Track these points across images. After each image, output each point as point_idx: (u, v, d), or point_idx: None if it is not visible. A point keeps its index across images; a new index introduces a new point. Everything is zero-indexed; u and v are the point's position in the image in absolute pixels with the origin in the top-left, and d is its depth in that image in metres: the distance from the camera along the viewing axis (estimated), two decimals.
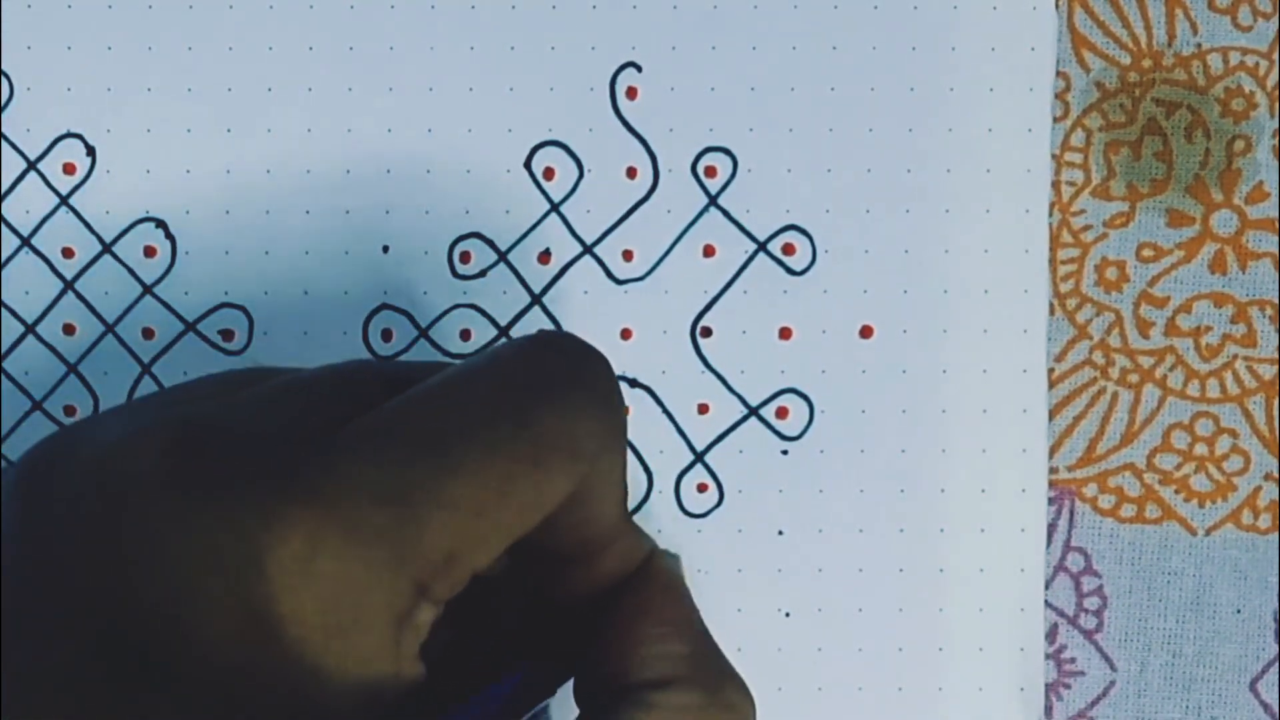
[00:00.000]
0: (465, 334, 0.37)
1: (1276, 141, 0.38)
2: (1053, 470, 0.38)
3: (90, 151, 0.36)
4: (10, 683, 0.26)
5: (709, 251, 0.37)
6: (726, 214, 0.37)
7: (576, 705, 0.31)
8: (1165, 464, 0.38)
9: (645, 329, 0.37)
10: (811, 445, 0.37)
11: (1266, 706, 0.38)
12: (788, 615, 0.37)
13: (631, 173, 0.37)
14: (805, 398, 0.37)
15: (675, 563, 0.32)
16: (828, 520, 0.37)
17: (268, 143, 0.36)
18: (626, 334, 0.37)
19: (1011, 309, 0.37)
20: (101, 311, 0.36)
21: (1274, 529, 0.38)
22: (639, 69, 0.37)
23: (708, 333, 0.37)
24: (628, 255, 0.37)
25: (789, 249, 0.37)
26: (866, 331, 0.37)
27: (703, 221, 0.37)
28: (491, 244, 0.37)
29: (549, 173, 0.37)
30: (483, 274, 0.37)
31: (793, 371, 0.37)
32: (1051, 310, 0.38)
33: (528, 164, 0.37)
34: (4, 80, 0.36)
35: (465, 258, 0.37)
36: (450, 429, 0.27)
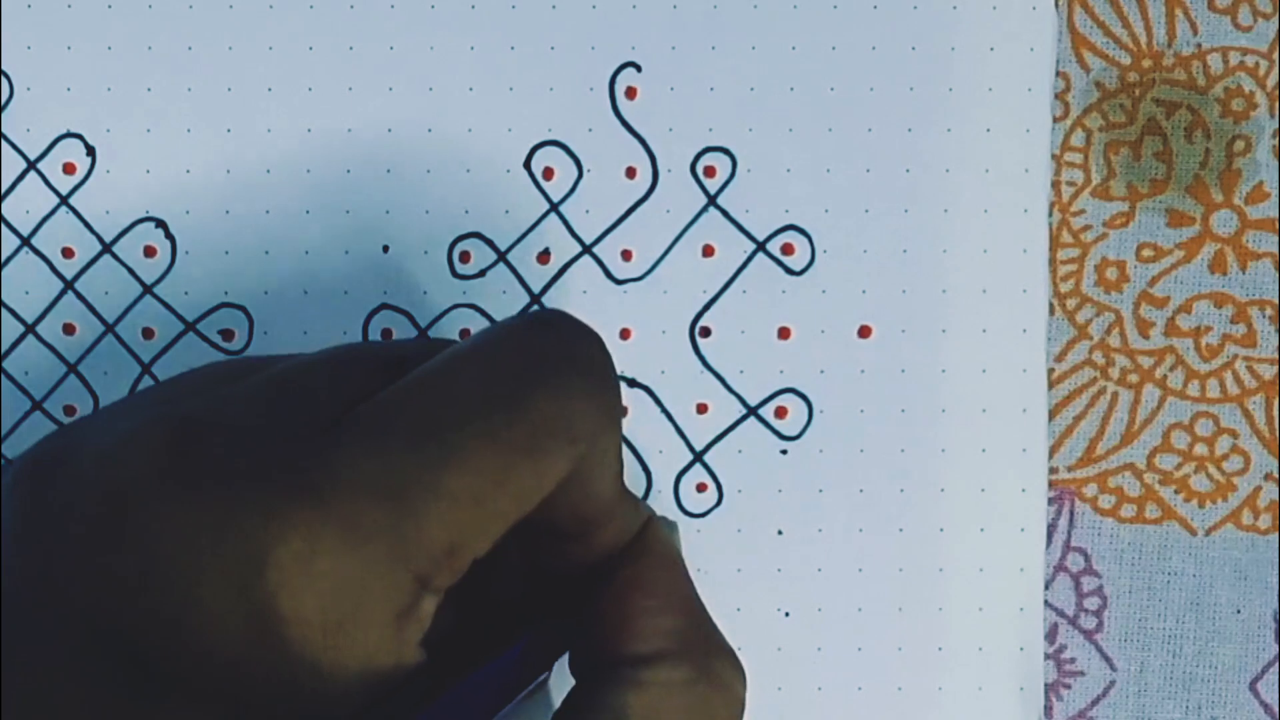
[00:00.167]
0: (465, 334, 0.37)
1: (1276, 142, 0.38)
2: (1053, 470, 0.38)
3: (90, 151, 0.36)
4: (11, 687, 0.26)
5: (708, 251, 0.37)
6: (726, 214, 0.37)
7: (572, 676, 0.31)
8: (1165, 464, 0.38)
9: (644, 329, 0.37)
10: (811, 445, 0.37)
11: (1266, 706, 0.38)
12: (787, 615, 0.37)
13: (631, 173, 0.37)
14: (804, 397, 0.37)
15: (671, 531, 0.32)
16: (827, 520, 0.37)
17: (268, 143, 0.36)
18: (625, 334, 0.37)
19: (1011, 309, 0.37)
20: (101, 311, 0.36)
21: (1274, 529, 0.38)
22: (639, 69, 0.37)
23: (707, 332, 0.37)
24: (627, 255, 0.37)
25: (788, 249, 0.37)
26: (865, 331, 0.37)
27: (702, 221, 0.37)
28: (491, 244, 0.37)
29: (549, 173, 0.37)
30: (482, 274, 0.37)
31: (792, 371, 0.37)
32: (1051, 310, 0.38)
33: (527, 164, 0.37)
34: (4, 80, 0.36)
35: (465, 258, 0.37)
36: (446, 419, 0.27)
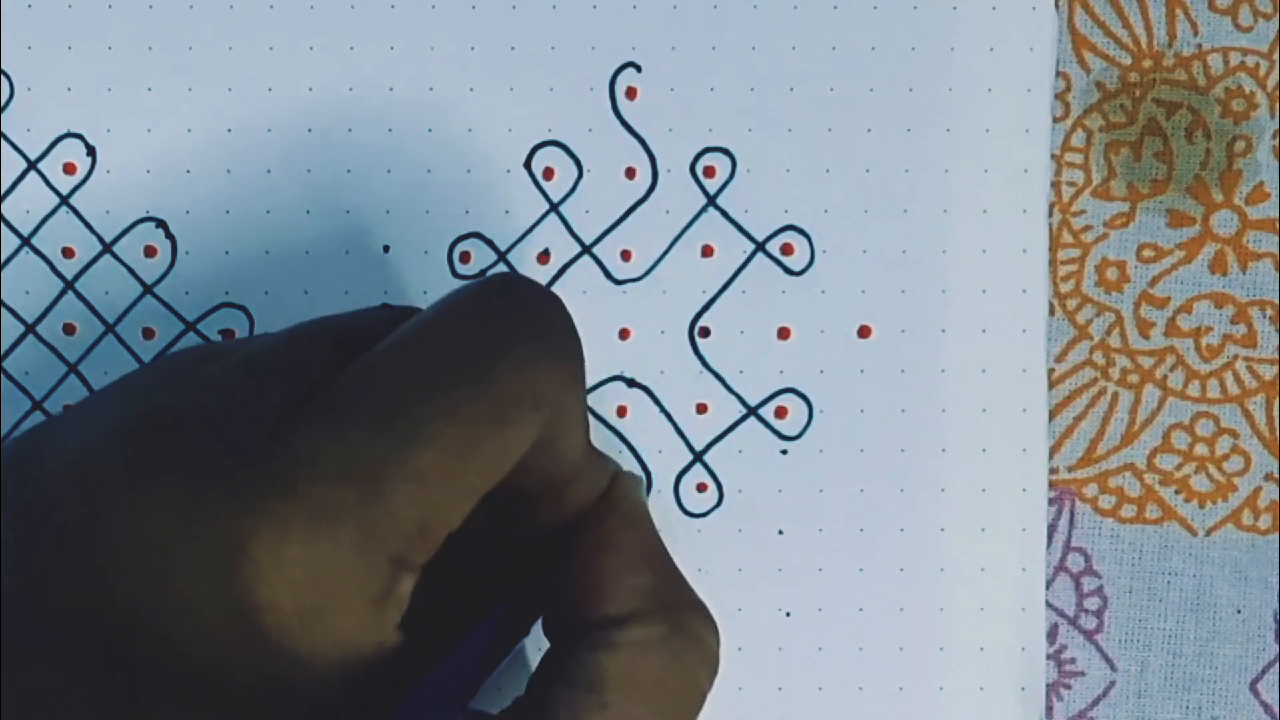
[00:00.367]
0: None
1: (1277, 142, 0.38)
2: (1053, 471, 0.38)
3: (90, 151, 0.36)
4: (10, 687, 0.26)
5: (707, 251, 0.37)
6: (725, 214, 0.37)
7: (546, 639, 0.31)
8: (1165, 464, 0.38)
9: (643, 329, 0.37)
10: (811, 445, 0.37)
11: (1266, 707, 0.38)
12: (788, 615, 0.37)
13: (630, 173, 0.37)
14: (804, 397, 0.37)
15: (637, 486, 0.32)
16: (828, 520, 0.37)
17: (268, 142, 0.36)
18: (625, 334, 0.37)
19: (1010, 309, 0.37)
20: (101, 311, 0.36)
21: (1274, 529, 0.38)
22: (639, 69, 0.37)
23: (706, 333, 0.37)
24: (626, 255, 0.37)
25: (787, 249, 0.37)
26: (865, 331, 0.37)
27: (701, 221, 0.37)
28: (491, 244, 0.37)
29: (549, 173, 0.37)
30: (483, 274, 0.37)
31: (791, 371, 0.37)
32: (1052, 310, 0.38)
33: (528, 164, 0.37)
34: (4, 80, 0.36)
35: (465, 258, 0.37)
36: (409, 397, 0.27)
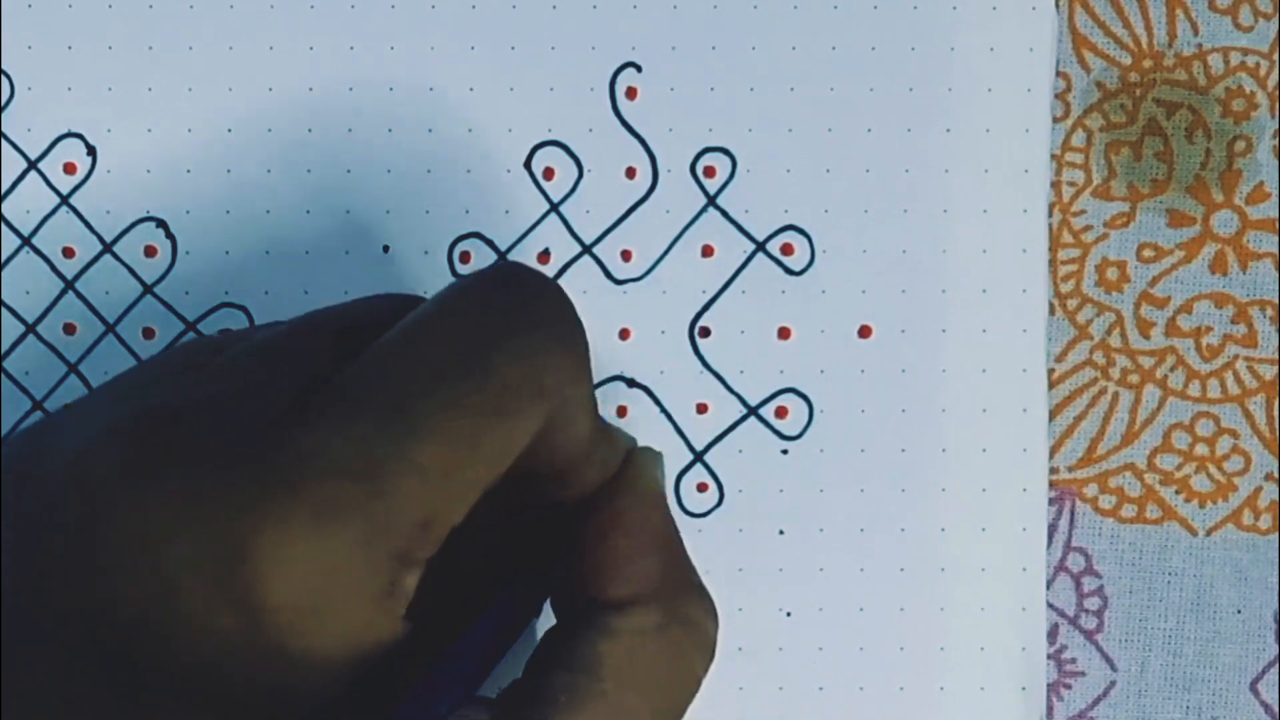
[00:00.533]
0: None
1: (1277, 142, 0.38)
2: (1053, 471, 0.38)
3: (91, 151, 0.36)
4: (9, 688, 0.26)
5: (707, 251, 0.37)
6: (725, 214, 0.37)
7: (554, 615, 0.31)
8: (1166, 464, 0.38)
9: (644, 329, 0.37)
10: (811, 445, 0.37)
11: (1267, 707, 0.38)
12: (789, 615, 0.37)
13: (631, 173, 0.37)
14: (804, 397, 0.37)
15: (654, 463, 0.32)
16: (828, 520, 0.37)
17: (267, 142, 0.36)
18: (625, 334, 0.37)
19: (1010, 309, 0.37)
20: (102, 311, 0.36)
21: (1274, 529, 0.38)
22: (639, 69, 0.37)
23: (706, 333, 0.37)
24: (626, 255, 0.37)
25: (787, 249, 0.37)
26: (865, 331, 0.37)
27: (701, 221, 0.37)
28: (491, 244, 0.37)
29: (549, 173, 0.37)
30: None
31: (792, 371, 0.37)
32: (1052, 310, 0.38)
33: (528, 164, 0.37)
34: (4, 80, 0.36)
35: (465, 258, 0.37)
36: (410, 391, 0.27)
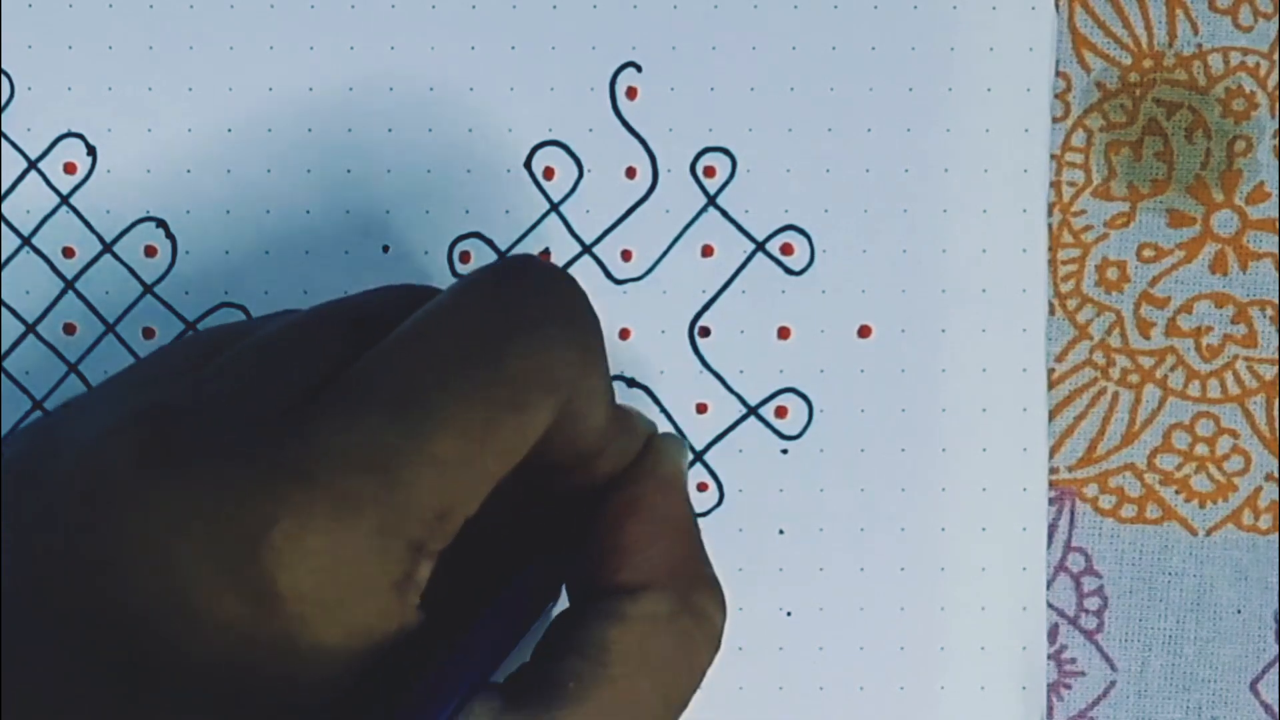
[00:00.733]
0: None
1: (1277, 142, 0.37)
2: (1053, 471, 0.38)
3: (91, 151, 0.36)
4: (10, 688, 0.26)
5: (707, 251, 0.37)
6: (725, 214, 0.37)
7: (567, 597, 0.31)
8: (1166, 464, 0.38)
9: (644, 329, 0.37)
10: (811, 444, 0.37)
11: (1267, 707, 0.38)
12: (789, 614, 0.37)
13: (631, 173, 0.37)
14: (804, 397, 0.37)
15: (676, 449, 0.31)
16: (828, 519, 0.37)
17: (268, 142, 0.36)
18: (625, 334, 0.37)
19: (1010, 308, 0.37)
20: (102, 311, 0.36)
21: (1274, 529, 0.38)
22: (639, 69, 0.37)
23: (706, 332, 0.37)
24: (626, 255, 0.37)
25: (787, 249, 0.37)
26: (865, 331, 0.37)
27: (701, 221, 0.37)
28: (491, 244, 0.37)
29: (549, 172, 0.37)
30: None
31: (791, 371, 0.37)
32: (1052, 310, 0.38)
33: (528, 164, 0.37)
34: (4, 80, 0.36)
35: (465, 258, 0.37)
36: (425, 384, 0.27)
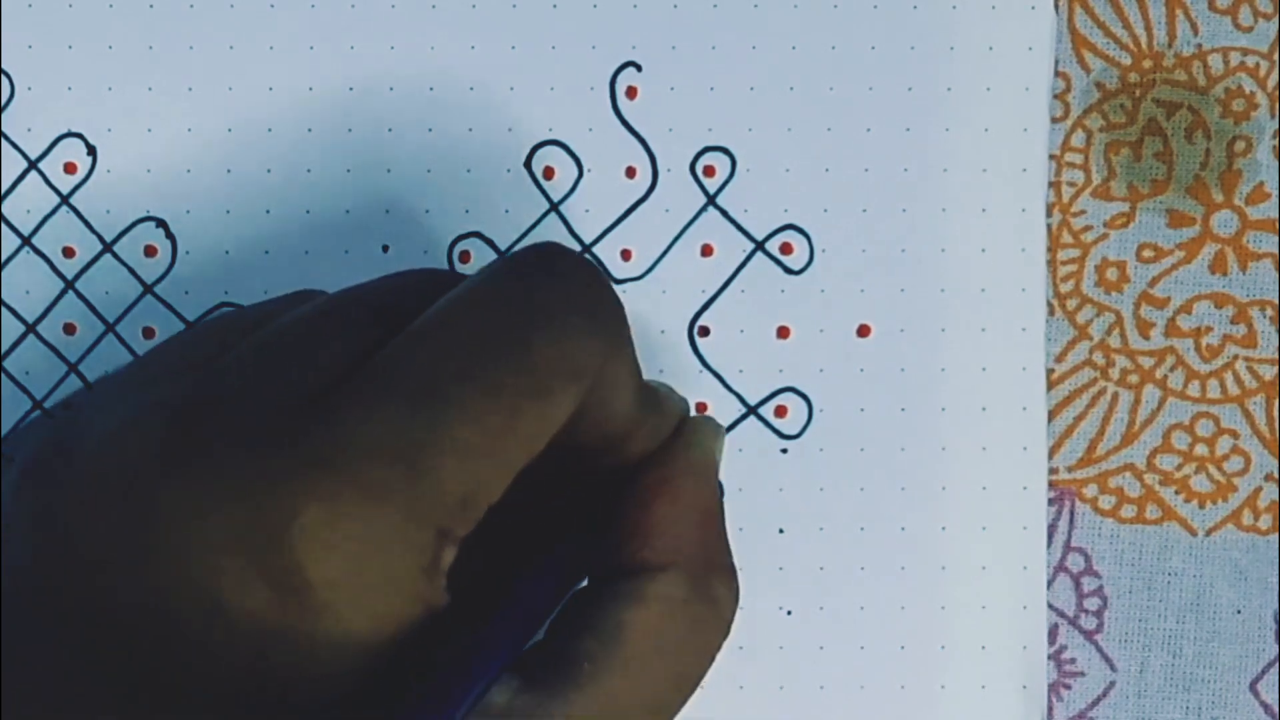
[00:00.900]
0: None
1: (1277, 142, 0.37)
2: (1053, 471, 0.38)
3: (91, 151, 0.36)
4: (11, 688, 0.26)
5: (707, 251, 0.37)
6: (725, 213, 0.37)
7: (586, 573, 0.31)
8: (1165, 465, 0.38)
9: (643, 328, 0.37)
10: (811, 444, 0.37)
11: (1267, 707, 0.38)
12: (789, 614, 0.37)
13: (630, 172, 0.37)
14: (804, 396, 0.37)
15: (710, 433, 0.32)
16: (828, 519, 0.37)
17: (268, 143, 0.36)
18: None
19: (1009, 308, 0.37)
20: (102, 311, 0.36)
21: (1274, 530, 0.38)
22: (639, 69, 0.37)
23: (706, 332, 0.37)
24: (626, 254, 0.37)
25: (787, 248, 0.37)
26: (864, 330, 0.37)
27: (701, 221, 0.37)
28: (491, 244, 0.37)
29: (549, 172, 0.37)
30: None
31: (791, 370, 0.37)
32: (1051, 311, 0.38)
33: (528, 164, 0.37)
34: (4, 80, 0.36)
35: (465, 258, 0.37)
36: (448, 373, 0.27)
